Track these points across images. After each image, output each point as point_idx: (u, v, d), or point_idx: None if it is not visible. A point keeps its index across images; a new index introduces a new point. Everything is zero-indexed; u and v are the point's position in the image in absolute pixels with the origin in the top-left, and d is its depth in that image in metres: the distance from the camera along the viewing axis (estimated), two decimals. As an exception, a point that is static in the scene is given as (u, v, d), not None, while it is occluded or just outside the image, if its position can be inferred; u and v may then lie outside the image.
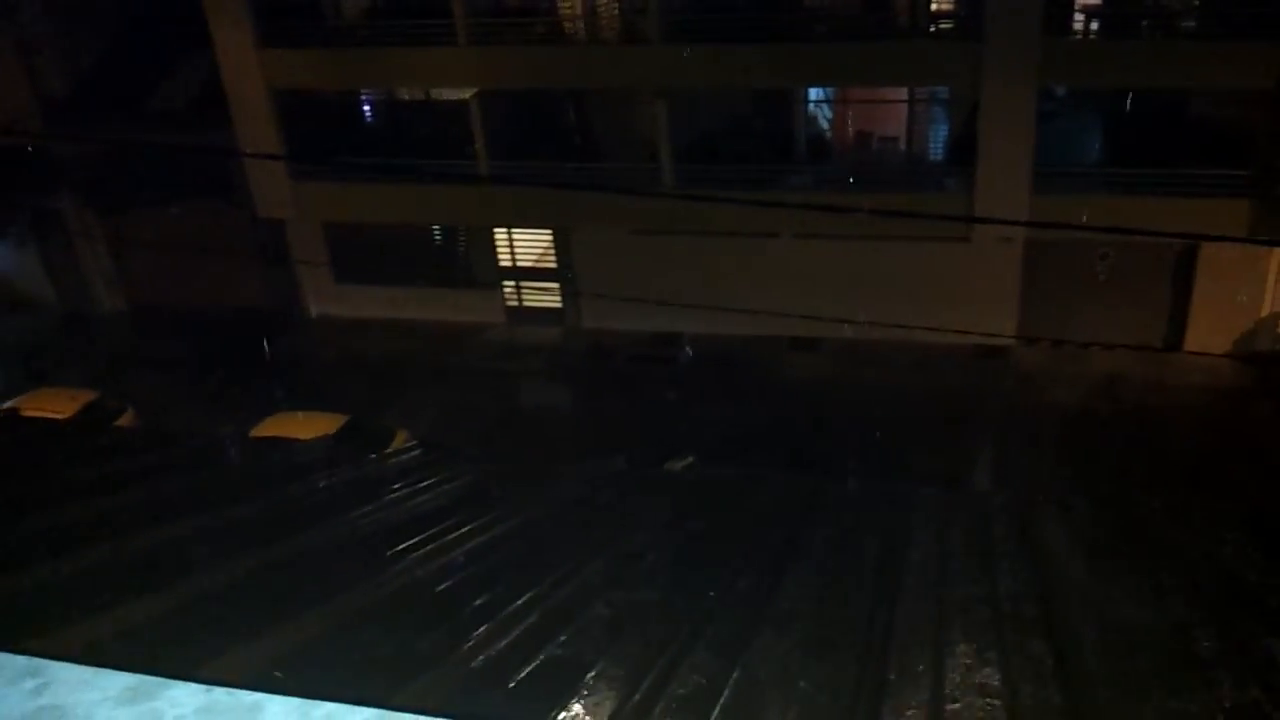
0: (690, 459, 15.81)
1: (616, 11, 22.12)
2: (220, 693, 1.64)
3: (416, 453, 10.09)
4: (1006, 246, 20.36)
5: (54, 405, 17.85)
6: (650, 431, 18.98)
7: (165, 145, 20.71)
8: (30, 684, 1.74)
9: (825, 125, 23.77)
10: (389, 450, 14.68)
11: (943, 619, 4.39)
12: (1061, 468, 17.20)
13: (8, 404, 18.36)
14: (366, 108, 24.75)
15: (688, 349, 21.95)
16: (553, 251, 23.91)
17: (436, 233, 24.83)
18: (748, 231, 20.98)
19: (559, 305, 24.13)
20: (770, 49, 20.04)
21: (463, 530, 5.62)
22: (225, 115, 22.31)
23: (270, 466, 8.62)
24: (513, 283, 24.32)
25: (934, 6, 21.30)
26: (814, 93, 23.19)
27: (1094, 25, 19.96)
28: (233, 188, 23.14)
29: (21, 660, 1.79)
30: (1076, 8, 19.83)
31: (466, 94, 22.26)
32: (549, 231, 23.75)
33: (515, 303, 24.39)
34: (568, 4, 22.26)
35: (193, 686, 1.65)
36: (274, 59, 22.18)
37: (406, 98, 24.72)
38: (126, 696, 1.65)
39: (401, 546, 5.21)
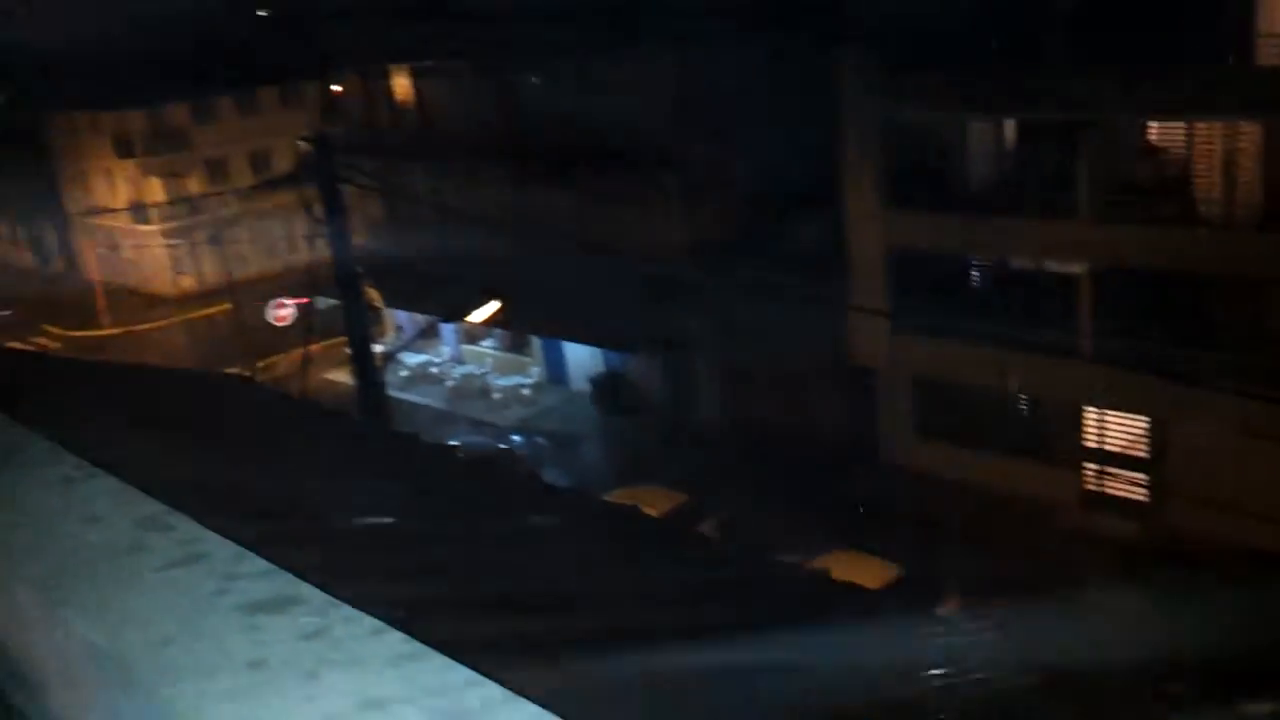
0: (1274, 706, 13.91)
1: (1260, 196, 20.57)
2: None
3: (971, 629, 10.03)
4: None
5: (650, 500, 20.36)
6: (1224, 660, 16.88)
7: (784, 290, 22.88)
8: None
9: None
10: (943, 613, 14.69)
11: None
12: None
13: (614, 493, 21.31)
14: (973, 271, 25.31)
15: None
16: (1145, 440, 22.41)
17: (1021, 401, 24.46)
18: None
19: (1144, 499, 22.46)
20: None
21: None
22: (841, 266, 24.24)
23: (827, 611, 9.16)
24: (1095, 465, 23.12)
25: None
26: None
27: None
28: (834, 332, 24.84)
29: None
30: None
31: (1078, 268, 21.93)
32: (1145, 418, 22.33)
33: (1094, 487, 23.13)
34: (1206, 184, 21.15)
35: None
36: (896, 219, 23.66)
37: (1012, 264, 24.88)
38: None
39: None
